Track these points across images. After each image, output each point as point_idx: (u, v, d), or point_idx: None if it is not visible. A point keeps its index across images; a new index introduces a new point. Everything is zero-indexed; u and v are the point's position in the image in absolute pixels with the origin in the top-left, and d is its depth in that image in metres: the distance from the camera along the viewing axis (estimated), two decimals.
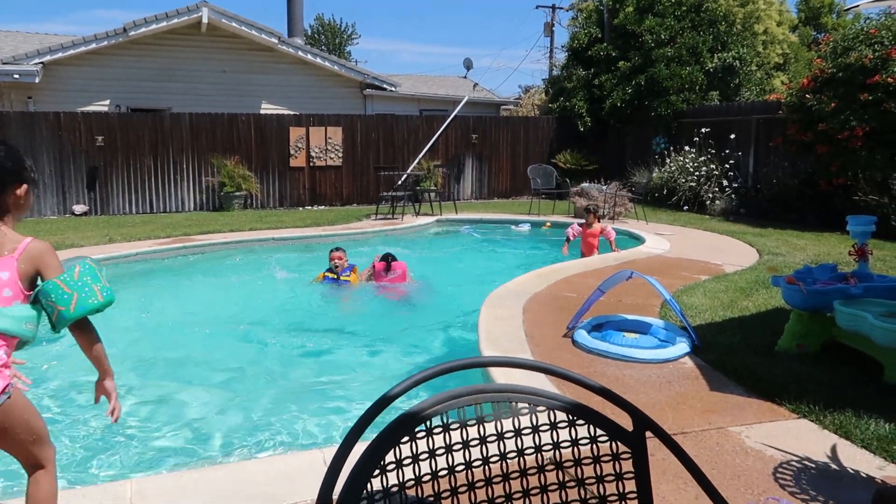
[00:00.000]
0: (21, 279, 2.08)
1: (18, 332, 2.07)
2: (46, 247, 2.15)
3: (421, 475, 1.16)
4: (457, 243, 11.55)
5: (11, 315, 2.05)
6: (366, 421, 1.07)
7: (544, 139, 17.79)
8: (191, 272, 8.90)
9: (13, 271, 2.07)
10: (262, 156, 15.21)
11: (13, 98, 15.20)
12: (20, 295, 2.08)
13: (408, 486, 1.14)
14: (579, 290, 6.27)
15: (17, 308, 2.06)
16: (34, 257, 2.11)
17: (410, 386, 1.13)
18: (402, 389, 1.12)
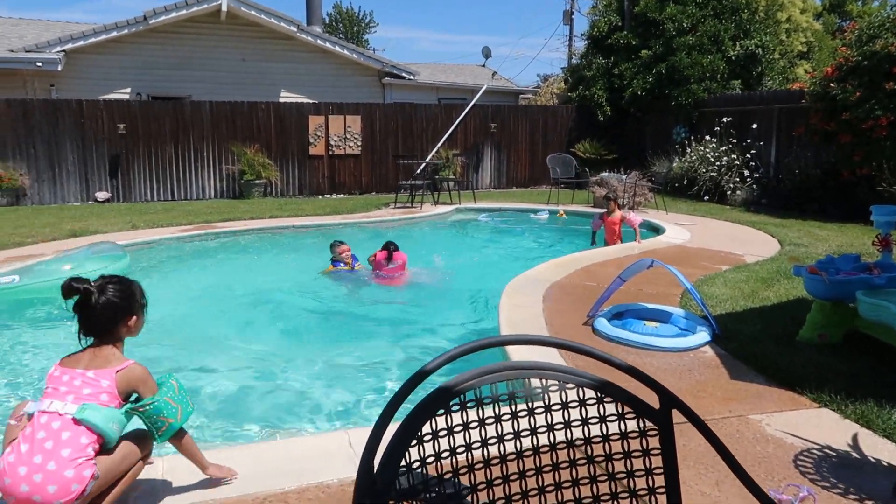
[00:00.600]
0: (119, 391, 2.41)
1: (105, 430, 2.34)
2: (143, 371, 2.48)
3: (455, 447, 1.20)
4: (475, 232, 11.57)
5: (102, 413, 2.34)
6: (403, 393, 1.11)
7: (563, 128, 17.72)
8: (214, 258, 9.01)
9: (112, 381, 2.40)
10: (282, 144, 15.31)
11: (36, 86, 15.40)
12: (115, 401, 2.40)
13: (442, 457, 1.18)
14: (599, 280, 6.28)
15: (109, 409, 2.36)
16: (132, 379, 2.45)
17: (446, 361, 1.16)
18: (437, 364, 1.16)
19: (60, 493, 2.20)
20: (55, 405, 2.32)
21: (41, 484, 2.19)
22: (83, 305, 2.44)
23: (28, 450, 2.25)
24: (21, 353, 5.10)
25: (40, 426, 2.29)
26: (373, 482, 1.02)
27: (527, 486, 1.27)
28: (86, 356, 2.46)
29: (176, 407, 2.44)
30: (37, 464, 2.21)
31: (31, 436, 2.28)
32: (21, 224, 10.29)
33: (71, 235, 9.29)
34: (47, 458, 2.22)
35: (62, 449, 2.24)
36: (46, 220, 10.83)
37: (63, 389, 2.36)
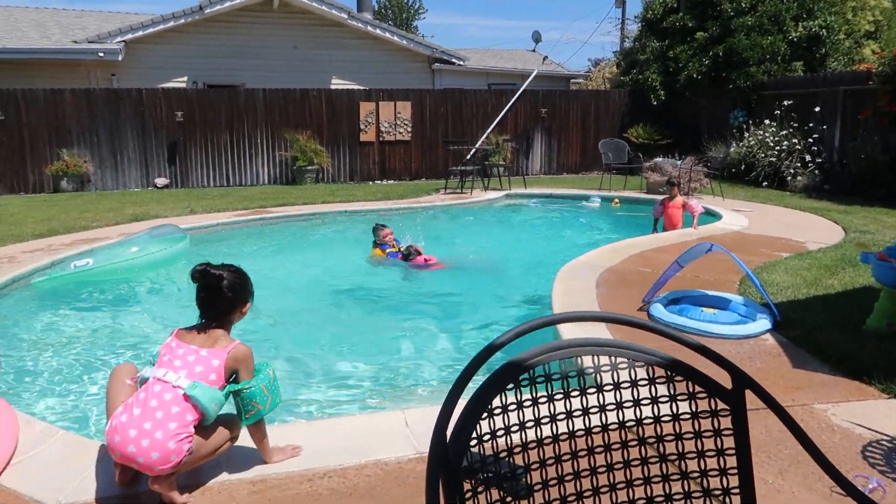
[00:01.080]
0: (226, 370, 2.58)
1: (207, 409, 2.52)
2: (248, 352, 2.65)
3: (524, 421, 1.20)
4: (526, 218, 11.50)
5: (209, 394, 2.52)
6: (473, 367, 1.12)
7: (615, 113, 17.41)
8: (268, 242, 9.20)
9: (222, 362, 2.57)
10: (333, 130, 15.47)
11: (98, 75, 15.92)
12: (220, 382, 2.57)
13: (512, 431, 1.18)
14: (654, 266, 6.17)
15: (214, 390, 2.54)
16: (239, 358, 2.61)
17: (515, 336, 1.16)
18: (508, 338, 1.16)
19: (160, 461, 2.39)
20: (170, 376, 2.51)
21: (146, 449, 2.38)
22: (210, 289, 2.64)
23: (140, 414, 2.44)
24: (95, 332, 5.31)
25: (153, 394, 2.48)
26: (445, 453, 1.03)
27: (595, 463, 1.27)
28: (201, 334, 2.64)
29: (268, 396, 2.60)
30: (146, 430, 2.40)
31: (143, 401, 2.47)
32: (86, 209, 10.69)
33: (133, 220, 9.61)
34: (156, 426, 2.41)
35: (170, 422, 2.43)
36: (109, 205, 11.23)
37: (178, 364, 2.55)
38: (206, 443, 2.54)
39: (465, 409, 1.12)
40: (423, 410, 3.28)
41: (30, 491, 2.49)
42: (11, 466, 2.63)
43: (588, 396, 1.27)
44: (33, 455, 2.74)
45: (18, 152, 13.61)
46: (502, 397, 1.18)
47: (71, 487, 2.52)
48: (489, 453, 1.18)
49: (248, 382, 2.58)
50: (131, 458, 2.39)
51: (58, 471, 2.63)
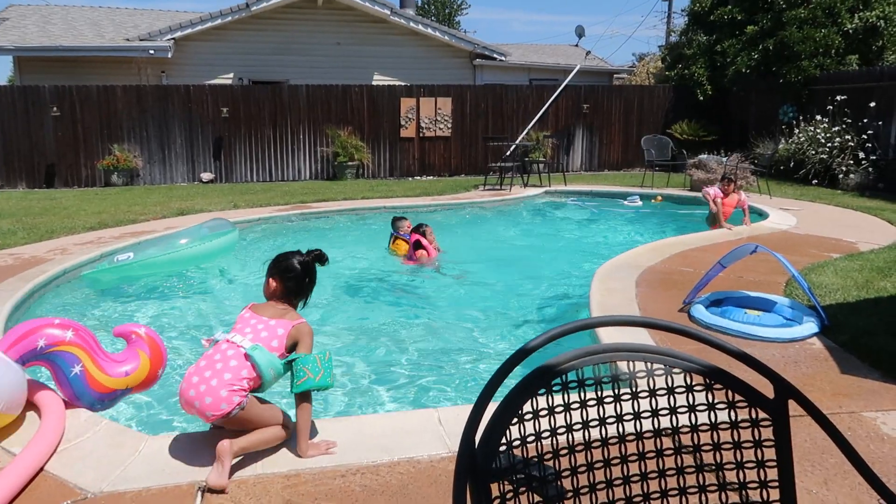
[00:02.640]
0: (288, 339, 2.82)
1: (264, 371, 2.74)
2: (310, 330, 2.91)
3: (556, 427, 1.18)
4: (566, 215, 11.38)
5: (267, 357, 2.75)
6: (505, 371, 1.10)
7: (659, 109, 17.09)
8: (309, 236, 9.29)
9: (286, 331, 2.83)
10: (374, 126, 15.56)
11: (149, 72, 16.33)
12: (281, 349, 2.80)
13: (543, 437, 1.16)
14: (696, 266, 6.04)
15: (273, 356, 2.77)
16: (302, 332, 2.86)
17: (548, 340, 1.14)
18: (540, 342, 1.13)
19: (212, 406, 2.64)
20: (236, 338, 2.79)
21: (202, 393, 2.66)
22: (308, 270, 3.02)
23: (204, 365, 2.75)
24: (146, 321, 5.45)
25: (219, 352, 2.78)
26: (473, 457, 1.02)
27: (629, 472, 1.24)
28: (272, 308, 2.94)
29: (320, 368, 2.76)
30: (205, 377, 2.69)
31: (210, 356, 2.79)
32: (135, 202, 10.98)
33: (178, 214, 9.83)
34: (213, 375, 2.69)
35: (225, 372, 2.69)
36: (157, 199, 11.51)
37: (247, 330, 2.83)
38: (259, 410, 2.74)
39: (495, 413, 1.10)
40: (457, 409, 3.27)
41: (73, 478, 2.56)
42: (57, 454, 2.71)
43: (622, 403, 1.24)
44: (78, 444, 2.82)
45: (73, 147, 14.06)
46: (534, 402, 1.16)
47: (114, 476, 2.58)
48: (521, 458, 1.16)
49: (304, 353, 2.81)
50: (191, 402, 2.68)
51: (101, 459, 2.70)
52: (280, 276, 2.98)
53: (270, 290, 3.00)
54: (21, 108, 13.82)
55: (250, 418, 2.71)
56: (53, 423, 2.82)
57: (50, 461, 2.67)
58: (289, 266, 2.98)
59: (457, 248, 8.55)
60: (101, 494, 2.47)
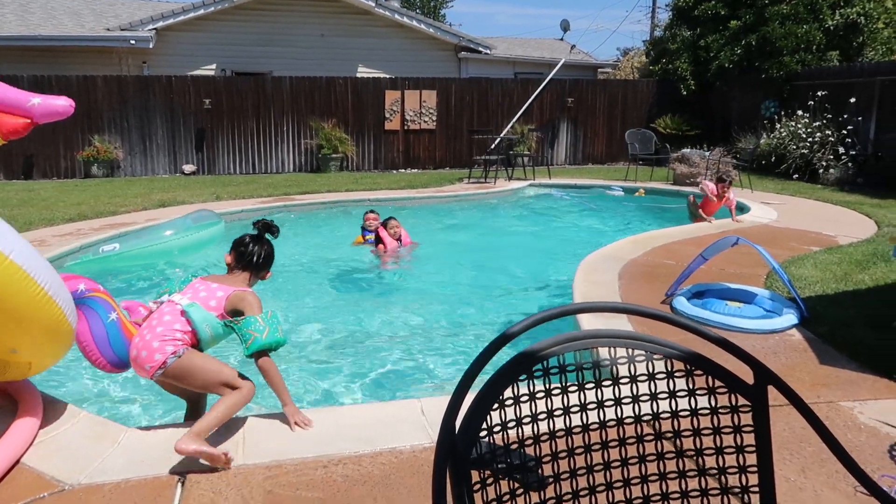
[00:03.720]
0: (227, 304, 2.89)
1: (199, 327, 2.84)
2: (256, 300, 2.93)
3: (537, 413, 1.17)
4: (550, 208, 11.41)
5: (203, 314, 2.85)
6: (486, 357, 1.09)
7: (643, 103, 17.17)
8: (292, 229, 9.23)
9: (226, 294, 2.92)
10: (358, 119, 15.48)
11: (130, 63, 16.11)
12: (220, 310, 2.89)
13: (524, 423, 1.15)
14: (678, 258, 6.08)
15: (209, 314, 2.87)
16: (242, 298, 2.91)
17: (530, 325, 1.13)
18: (521, 329, 1.13)
19: (148, 359, 2.76)
20: (175, 297, 2.93)
21: (140, 349, 2.79)
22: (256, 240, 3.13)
23: (143, 327, 2.89)
24: None
25: (158, 312, 2.90)
26: (453, 443, 1.01)
27: (609, 457, 1.24)
28: (222, 277, 3.10)
29: (264, 326, 2.79)
30: (143, 335, 2.83)
31: (149, 318, 2.93)
32: (116, 194, 10.85)
33: (160, 205, 9.73)
34: (149, 331, 2.82)
35: (158, 326, 2.81)
36: (138, 190, 11.38)
37: (189, 293, 2.95)
38: (199, 359, 2.80)
39: (475, 398, 1.10)
40: (440, 399, 3.27)
41: (51, 470, 2.53)
42: (34, 447, 2.67)
43: (603, 389, 1.24)
44: (55, 436, 2.78)
45: (51, 138, 13.84)
46: (514, 388, 1.15)
47: (92, 468, 2.55)
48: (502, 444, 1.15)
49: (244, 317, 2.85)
50: (134, 360, 2.82)
51: (79, 451, 2.67)
52: (233, 248, 3.15)
53: (226, 263, 3.17)
54: None
55: (191, 369, 2.77)
56: (30, 415, 2.78)
57: (27, 454, 2.63)
58: (240, 239, 3.16)
59: (440, 240, 8.55)
60: (79, 486, 2.44)
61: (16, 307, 2.35)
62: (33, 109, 2.67)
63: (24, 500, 2.35)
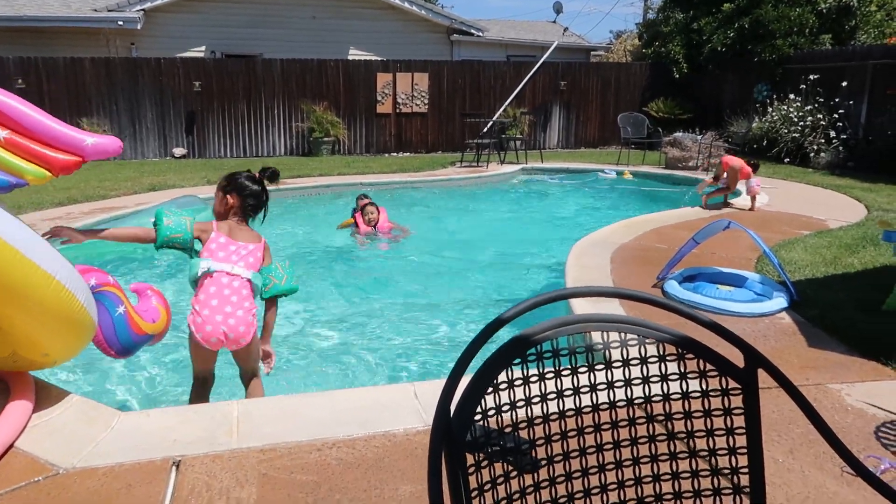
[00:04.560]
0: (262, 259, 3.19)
1: (256, 292, 3.14)
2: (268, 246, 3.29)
3: (531, 397, 1.19)
4: (542, 192, 11.42)
5: (258, 277, 3.16)
6: (480, 341, 1.10)
7: (636, 86, 17.14)
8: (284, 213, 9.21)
9: (261, 253, 3.19)
10: (350, 102, 15.38)
11: (118, 44, 15.90)
12: (258, 266, 3.16)
13: (518, 406, 1.17)
14: (670, 242, 6.11)
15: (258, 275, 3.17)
16: (268, 250, 3.25)
17: (523, 310, 1.14)
18: (514, 313, 1.14)
19: (245, 333, 3.02)
20: (236, 269, 3.06)
21: (236, 324, 2.98)
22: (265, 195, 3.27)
23: (219, 302, 2.99)
24: None
25: (221, 284, 3.02)
26: (448, 426, 1.02)
27: (602, 440, 1.25)
28: (242, 230, 3.20)
29: (283, 274, 3.18)
30: (228, 311, 2.98)
31: (217, 292, 3.01)
32: (105, 178, 10.76)
33: (150, 189, 9.66)
34: (237, 306, 3.00)
35: (245, 301, 3.04)
36: (128, 174, 11.29)
37: (234, 258, 3.09)
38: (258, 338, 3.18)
39: (469, 382, 1.11)
40: (433, 383, 3.29)
41: (45, 454, 2.53)
42: (27, 431, 2.68)
43: (596, 373, 1.25)
44: (48, 420, 2.78)
45: None
46: (509, 372, 1.16)
47: (86, 451, 2.56)
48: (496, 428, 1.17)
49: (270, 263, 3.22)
50: (222, 336, 2.97)
51: (72, 435, 2.67)
52: (239, 193, 3.19)
53: (227, 206, 3.21)
54: None
55: (255, 345, 3.13)
56: (23, 399, 2.78)
57: (20, 438, 2.63)
58: (246, 185, 3.21)
59: (432, 224, 8.55)
60: (74, 470, 2.45)
61: (55, 316, 2.52)
62: (86, 149, 2.79)
63: (18, 484, 2.35)
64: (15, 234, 2.36)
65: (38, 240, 2.51)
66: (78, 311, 2.60)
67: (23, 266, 2.36)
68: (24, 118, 2.67)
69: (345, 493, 2.35)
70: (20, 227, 2.43)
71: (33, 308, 2.47)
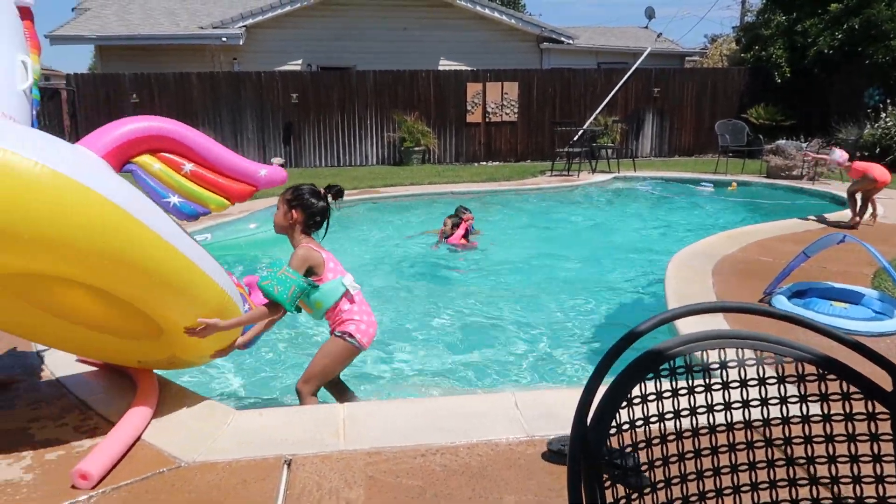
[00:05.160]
0: None
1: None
2: None
3: (664, 413, 1.17)
4: (636, 202, 11.16)
5: None
6: (614, 354, 1.09)
7: (734, 92, 16.50)
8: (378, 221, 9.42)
9: None
10: (440, 112, 15.58)
11: (221, 59, 16.78)
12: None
13: (651, 422, 1.15)
14: (774, 255, 5.83)
15: None
16: None
17: (657, 324, 1.13)
18: (648, 327, 1.12)
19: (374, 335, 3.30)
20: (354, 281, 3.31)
21: (375, 324, 3.32)
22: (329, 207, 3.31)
23: (366, 308, 3.30)
24: None
25: (358, 292, 3.28)
26: (586, 441, 1.02)
27: (736, 460, 1.21)
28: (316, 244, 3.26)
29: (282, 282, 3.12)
30: (370, 319, 3.28)
31: (360, 300, 3.28)
32: None
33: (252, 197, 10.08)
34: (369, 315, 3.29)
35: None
36: None
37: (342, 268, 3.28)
38: None
39: (603, 396, 1.10)
40: (533, 393, 3.27)
41: (168, 447, 2.69)
42: (152, 424, 2.86)
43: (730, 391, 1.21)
44: (170, 415, 2.95)
45: None
46: (641, 387, 1.15)
47: (205, 447, 2.70)
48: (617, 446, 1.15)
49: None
50: (371, 337, 3.26)
51: (192, 431, 2.83)
52: (304, 210, 3.19)
53: (291, 220, 3.19)
54: (103, 96, 14.45)
55: None
56: (149, 395, 2.97)
57: (146, 430, 2.81)
58: (312, 203, 3.21)
59: (523, 233, 8.52)
60: (194, 464, 2.59)
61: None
62: (260, 179, 3.18)
63: (146, 474, 2.51)
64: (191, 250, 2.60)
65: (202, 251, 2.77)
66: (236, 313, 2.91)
67: (192, 272, 2.59)
68: (207, 152, 3.04)
69: (449, 499, 2.37)
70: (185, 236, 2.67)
71: (202, 312, 2.69)
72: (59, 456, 2.66)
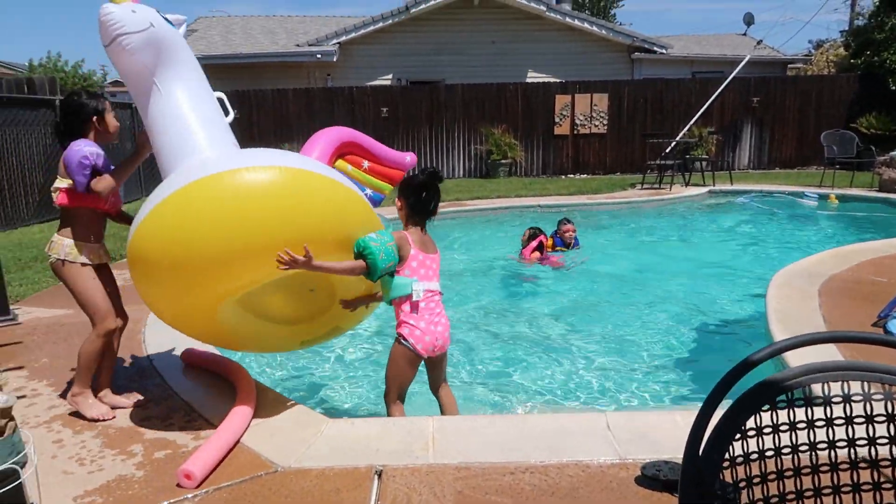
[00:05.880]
0: None
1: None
2: None
3: (780, 446, 1.10)
4: (733, 216, 10.69)
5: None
6: (728, 382, 1.05)
7: (841, 101, 15.59)
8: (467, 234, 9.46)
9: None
10: (528, 124, 15.53)
11: (316, 76, 17.40)
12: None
13: (767, 456, 1.09)
14: (890, 275, 5.44)
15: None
16: None
17: (774, 353, 1.07)
18: (765, 356, 1.06)
19: (448, 339, 3.28)
20: (435, 284, 3.23)
21: (447, 335, 3.26)
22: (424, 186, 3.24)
23: (430, 316, 3.18)
24: None
25: (429, 299, 3.19)
26: (699, 471, 0.98)
27: (861, 501, 1.13)
28: (427, 242, 3.28)
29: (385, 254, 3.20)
30: (443, 322, 3.22)
31: (429, 308, 3.19)
32: None
33: None
34: (440, 317, 3.22)
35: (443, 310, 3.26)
36: None
37: (430, 273, 3.22)
38: None
39: (716, 427, 1.05)
40: (625, 415, 3.18)
41: (265, 452, 2.79)
42: (250, 429, 2.97)
43: (854, 426, 1.13)
44: (268, 421, 3.06)
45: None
46: (756, 419, 1.09)
47: (299, 453, 2.78)
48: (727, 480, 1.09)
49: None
50: (439, 346, 3.21)
51: (288, 437, 2.92)
52: (402, 194, 3.27)
53: (398, 208, 3.30)
54: None
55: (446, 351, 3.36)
56: (247, 400, 3.09)
57: (244, 435, 2.92)
58: (408, 184, 3.29)
59: (613, 249, 8.34)
60: (290, 469, 2.66)
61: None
62: (406, 164, 3.83)
63: (245, 477, 2.61)
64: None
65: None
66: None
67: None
68: (377, 149, 3.74)
69: None
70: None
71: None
72: (166, 455, 2.81)
